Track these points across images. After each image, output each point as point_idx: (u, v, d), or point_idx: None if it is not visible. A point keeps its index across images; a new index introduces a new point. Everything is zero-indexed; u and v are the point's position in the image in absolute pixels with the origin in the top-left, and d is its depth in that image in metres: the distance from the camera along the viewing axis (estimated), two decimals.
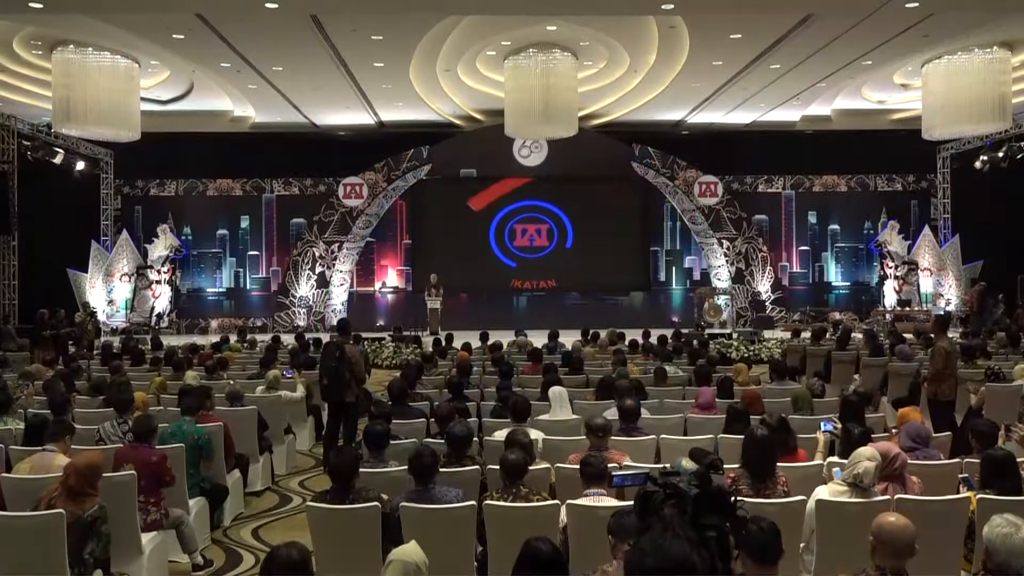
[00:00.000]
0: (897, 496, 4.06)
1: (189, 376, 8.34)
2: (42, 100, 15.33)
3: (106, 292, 18.92)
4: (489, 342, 11.71)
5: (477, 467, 4.81)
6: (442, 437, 5.15)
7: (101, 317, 18.23)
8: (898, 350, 9.71)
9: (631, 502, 2.91)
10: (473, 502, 4.15)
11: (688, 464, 4.16)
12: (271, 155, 19.54)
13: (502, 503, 4.08)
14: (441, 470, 4.42)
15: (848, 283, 20.64)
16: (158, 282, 19.28)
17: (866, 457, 4.01)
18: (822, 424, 5.39)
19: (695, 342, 11.73)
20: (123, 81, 13.82)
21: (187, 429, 5.82)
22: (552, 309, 19.00)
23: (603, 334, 12.11)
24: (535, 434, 5.35)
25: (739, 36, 12.82)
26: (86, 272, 18.66)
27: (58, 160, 16.75)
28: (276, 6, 10.61)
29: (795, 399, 6.41)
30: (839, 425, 5.28)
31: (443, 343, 11.88)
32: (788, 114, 18.54)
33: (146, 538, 4.87)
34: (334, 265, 19.24)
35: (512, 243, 19.82)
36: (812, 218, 20.69)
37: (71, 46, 13.25)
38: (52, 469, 4.70)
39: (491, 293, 19.50)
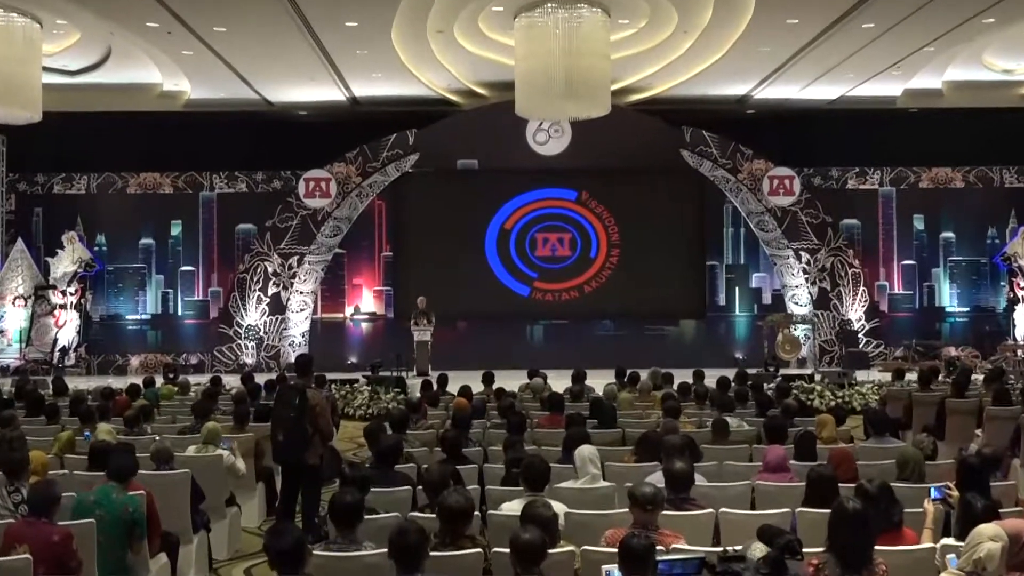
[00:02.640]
0: None
1: (103, 430, 8.35)
2: None
3: None
4: (495, 385, 11.70)
5: (479, 550, 4.79)
6: (432, 510, 5.14)
7: None
8: None
9: None
10: None
11: (757, 548, 4.16)
12: (211, 142, 19.66)
13: None
14: (431, 554, 4.41)
15: (967, 308, 20.55)
16: (63, 306, 19.35)
17: (988, 537, 3.98)
18: (932, 491, 5.35)
19: (765, 386, 11.67)
20: (20, 47, 13.95)
21: (118, 499, 5.79)
22: (577, 342, 18.98)
23: (644, 375, 12.09)
24: (557, 507, 5.34)
25: None
26: None
27: None
28: None
29: (900, 461, 6.36)
30: (953, 493, 5.25)
31: (435, 387, 11.88)
32: (886, 87, 18.56)
33: None
34: (292, 285, 19.30)
35: (533, 253, 19.91)
36: (919, 223, 20.66)
37: None
38: None
39: (498, 321, 19.52)
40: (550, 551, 4.39)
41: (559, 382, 12.26)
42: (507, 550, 4.27)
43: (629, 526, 4.87)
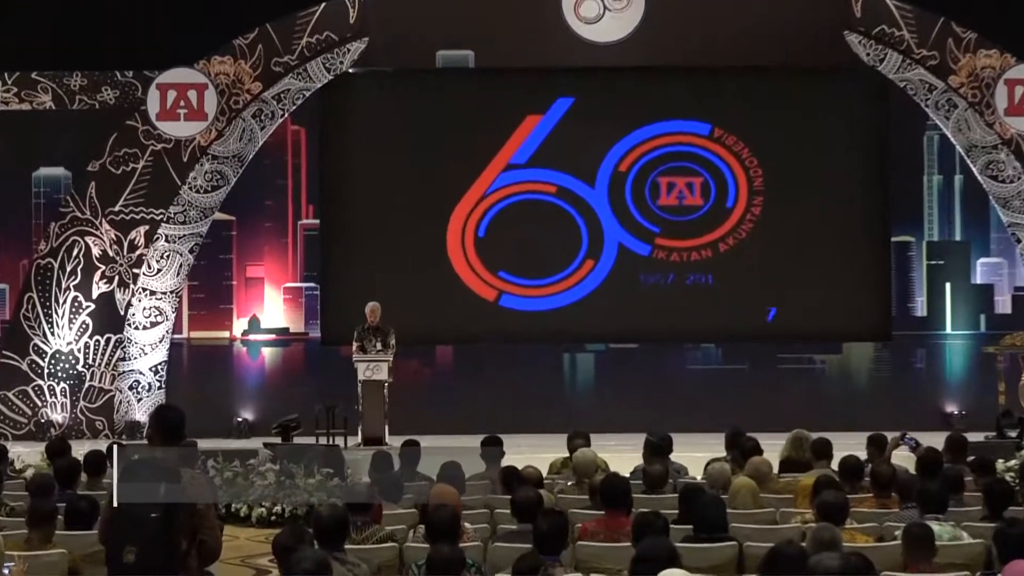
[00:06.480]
0: None
1: None
2: None
3: None
4: (504, 462, 11.68)
5: None
6: None
7: None
8: None
9: None
10: None
11: None
12: None
13: None
14: None
15: None
16: None
17: None
18: None
19: (1001, 465, 11.57)
20: None
21: None
22: (656, 384, 19.14)
23: (782, 444, 12.11)
24: None
25: None
26: None
27: None
28: None
29: None
30: None
31: (395, 465, 11.85)
32: None
33: None
34: (137, 279, 19.32)
35: (655, 202, 20.33)
36: None
37: None
38: None
39: (509, 344, 19.81)
40: None
41: (623, 456, 12.33)
42: None
43: None
